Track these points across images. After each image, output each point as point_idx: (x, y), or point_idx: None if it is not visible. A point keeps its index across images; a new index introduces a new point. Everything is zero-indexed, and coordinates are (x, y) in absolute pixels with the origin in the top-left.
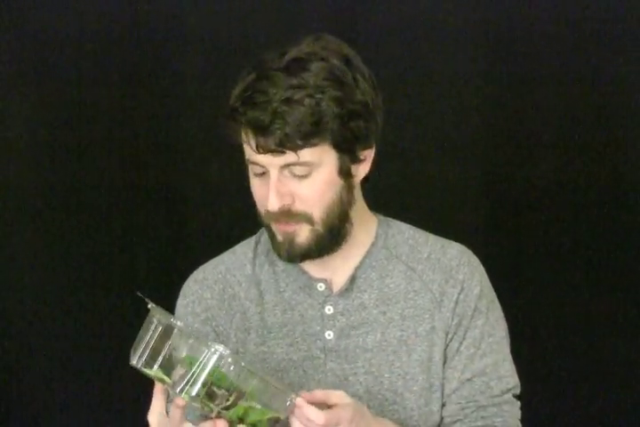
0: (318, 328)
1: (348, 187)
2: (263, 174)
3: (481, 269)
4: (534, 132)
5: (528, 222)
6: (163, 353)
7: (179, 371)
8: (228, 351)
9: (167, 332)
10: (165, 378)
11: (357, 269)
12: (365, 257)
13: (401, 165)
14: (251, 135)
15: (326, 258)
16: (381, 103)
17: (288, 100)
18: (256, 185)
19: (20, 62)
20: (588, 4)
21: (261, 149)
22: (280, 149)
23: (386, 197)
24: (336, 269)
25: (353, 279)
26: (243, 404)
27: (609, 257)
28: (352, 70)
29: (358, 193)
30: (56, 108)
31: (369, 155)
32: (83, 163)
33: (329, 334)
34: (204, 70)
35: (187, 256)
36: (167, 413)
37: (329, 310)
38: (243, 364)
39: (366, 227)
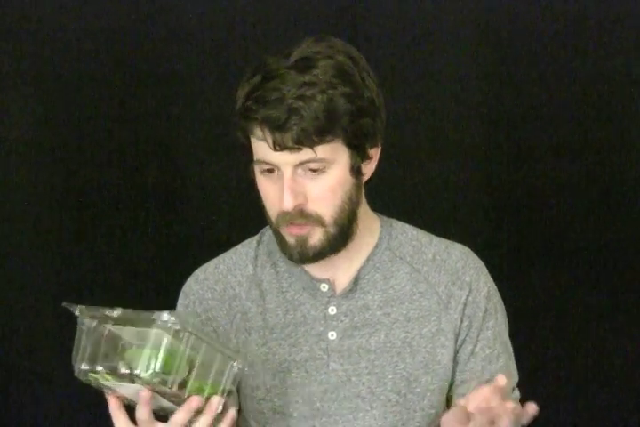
0: (321, 329)
1: (358, 185)
2: (272, 174)
3: (484, 269)
4: (535, 133)
5: (529, 223)
6: (103, 352)
7: (121, 368)
8: (172, 318)
9: (98, 329)
10: (110, 377)
11: (361, 270)
12: (369, 258)
13: (401, 166)
14: (267, 133)
15: (330, 258)
16: (384, 102)
17: (302, 97)
18: (266, 187)
19: (20, 62)
20: (588, 4)
21: (278, 147)
22: (297, 146)
23: (386, 197)
24: (339, 270)
25: (356, 280)
26: (195, 379)
27: (609, 257)
28: (358, 68)
29: (362, 193)
30: (56, 108)
31: (376, 153)
32: (83, 163)
33: (332, 335)
34: (204, 70)
35: (187, 256)
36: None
37: (332, 310)
38: (190, 329)
39: (370, 228)
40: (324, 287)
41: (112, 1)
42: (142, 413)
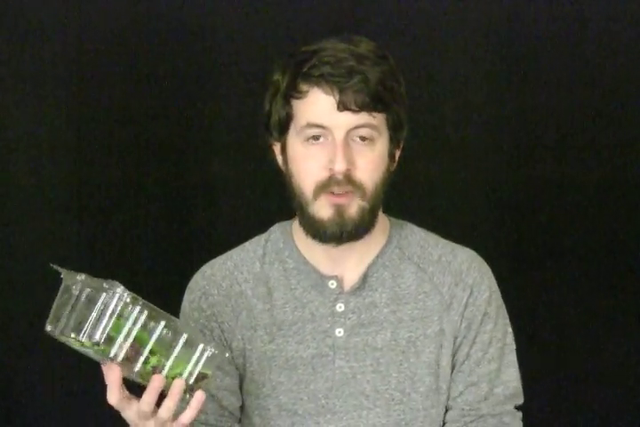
0: (328, 326)
1: (389, 172)
2: (317, 142)
3: (490, 274)
4: (535, 133)
5: (529, 223)
6: (89, 318)
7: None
8: (126, 293)
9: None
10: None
11: (370, 267)
12: (378, 256)
13: (401, 166)
14: (335, 90)
15: (339, 255)
16: None
17: (360, 62)
18: (308, 156)
19: (20, 62)
20: (588, 4)
21: (342, 106)
22: (358, 108)
23: (386, 197)
24: (348, 267)
25: (365, 278)
26: (152, 355)
27: (611, 257)
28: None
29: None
30: (56, 108)
31: (401, 145)
32: (84, 162)
33: (339, 332)
34: (206, 71)
35: (190, 257)
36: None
37: (340, 307)
38: (142, 302)
39: (381, 226)
40: (333, 284)
41: (113, 1)
42: (112, 394)
